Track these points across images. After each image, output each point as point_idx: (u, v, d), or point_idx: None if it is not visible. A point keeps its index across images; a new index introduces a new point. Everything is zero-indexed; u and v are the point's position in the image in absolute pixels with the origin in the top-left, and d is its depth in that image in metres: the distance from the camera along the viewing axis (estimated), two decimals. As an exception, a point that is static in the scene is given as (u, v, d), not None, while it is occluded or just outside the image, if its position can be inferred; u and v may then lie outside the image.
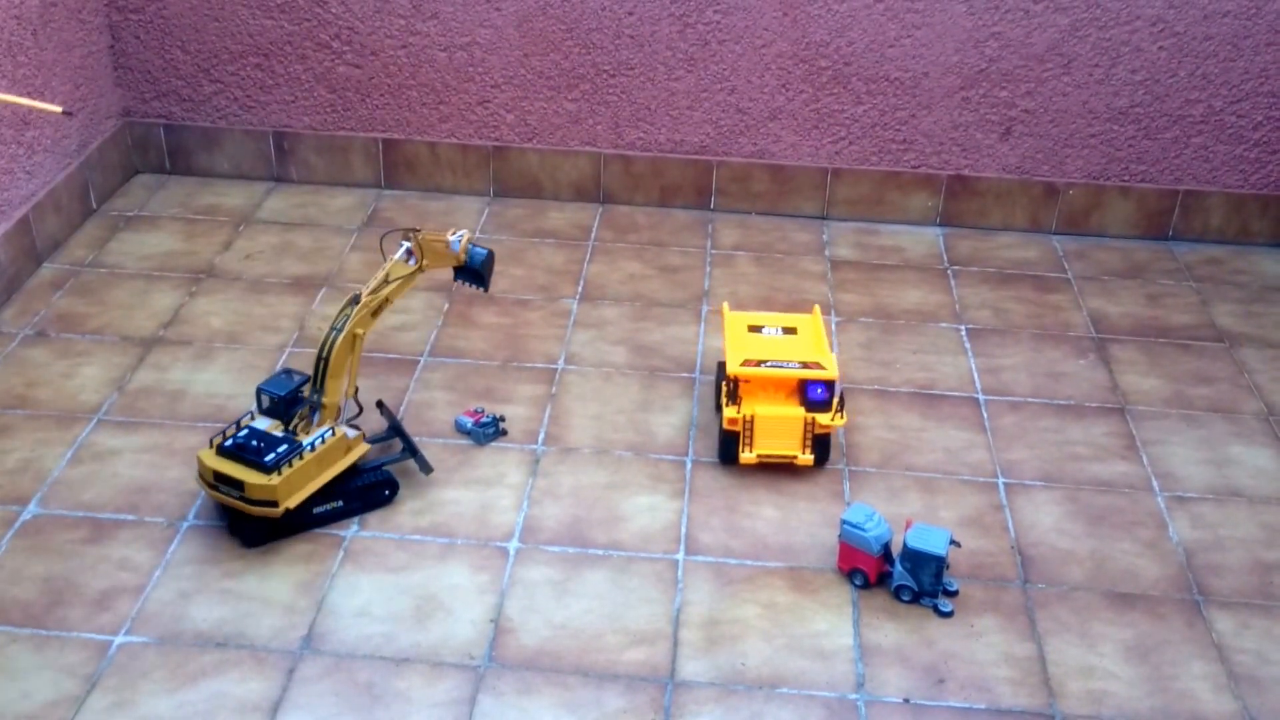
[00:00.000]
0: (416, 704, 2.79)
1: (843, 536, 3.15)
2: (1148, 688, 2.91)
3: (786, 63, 4.72)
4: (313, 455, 3.19)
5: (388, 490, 3.38)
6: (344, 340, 3.25)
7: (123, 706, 2.76)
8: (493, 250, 3.45)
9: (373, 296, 3.29)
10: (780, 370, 3.50)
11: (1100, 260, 4.74)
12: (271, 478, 3.12)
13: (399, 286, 3.34)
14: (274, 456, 3.16)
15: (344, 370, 3.29)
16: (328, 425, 3.27)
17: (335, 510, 3.31)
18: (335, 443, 3.25)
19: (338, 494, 3.30)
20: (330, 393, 3.27)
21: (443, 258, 3.38)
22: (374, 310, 3.31)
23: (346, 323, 3.26)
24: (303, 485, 3.19)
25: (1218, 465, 3.67)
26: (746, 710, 2.81)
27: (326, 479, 3.24)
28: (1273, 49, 4.57)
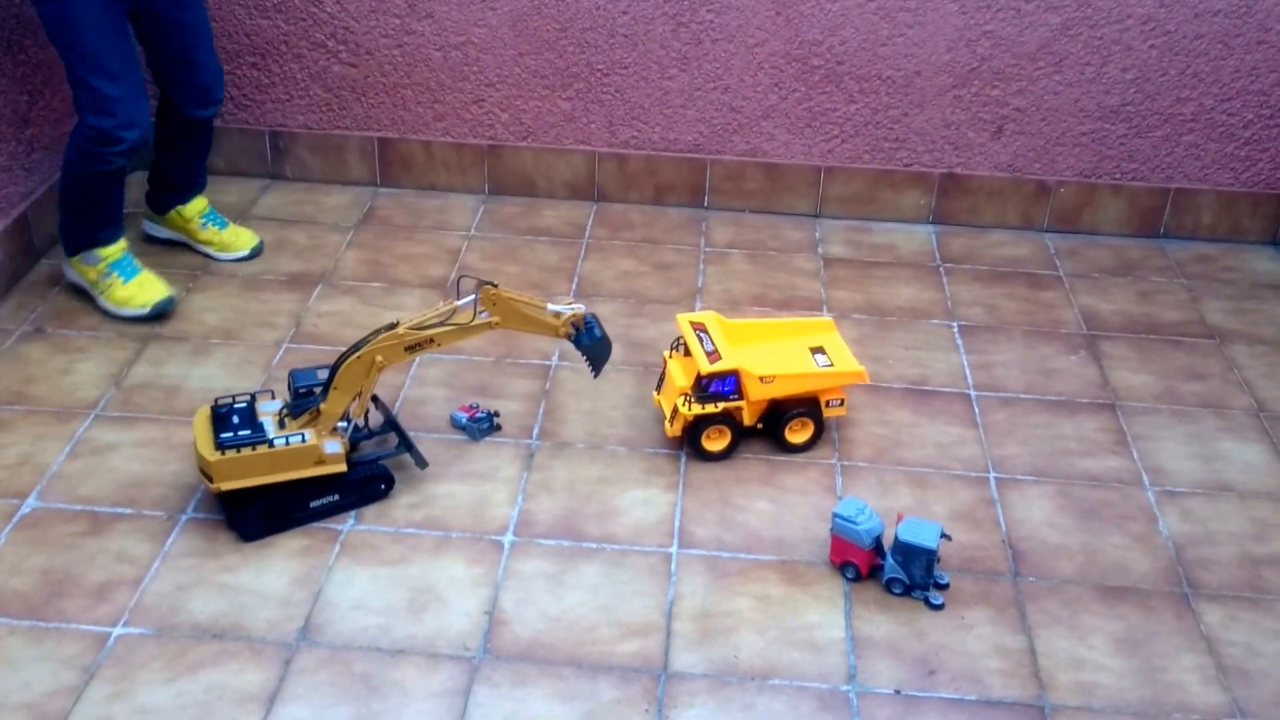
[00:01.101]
0: (412, 694, 2.81)
1: (835, 530, 3.17)
2: (1137, 679, 2.94)
3: (779, 62, 4.74)
4: (269, 451, 3.17)
5: (383, 484, 3.39)
6: (359, 360, 3.20)
7: (121, 696, 2.78)
8: (610, 340, 3.44)
9: (411, 332, 3.23)
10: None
11: (1092, 258, 4.77)
12: (214, 454, 3.13)
13: (451, 333, 3.26)
14: (231, 436, 3.16)
15: (353, 390, 3.24)
16: (311, 431, 3.22)
17: (331, 504, 3.32)
18: (303, 450, 3.20)
19: (334, 487, 3.30)
20: (331, 403, 3.24)
21: (531, 323, 3.33)
22: (409, 346, 3.23)
23: (369, 344, 3.21)
24: (245, 475, 3.17)
25: (1207, 460, 3.69)
26: (739, 701, 2.84)
27: (278, 479, 3.20)
28: (1263, 47, 4.60)
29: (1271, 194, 4.85)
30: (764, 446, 3.66)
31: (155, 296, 4.12)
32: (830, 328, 3.79)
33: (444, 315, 3.28)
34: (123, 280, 4.13)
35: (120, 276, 4.14)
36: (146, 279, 4.17)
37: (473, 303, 3.27)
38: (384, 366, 3.24)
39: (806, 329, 3.78)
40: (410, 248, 4.64)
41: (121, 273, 4.14)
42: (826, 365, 3.61)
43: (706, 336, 3.61)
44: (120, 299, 4.13)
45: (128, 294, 4.13)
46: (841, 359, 3.64)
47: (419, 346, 3.26)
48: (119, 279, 4.13)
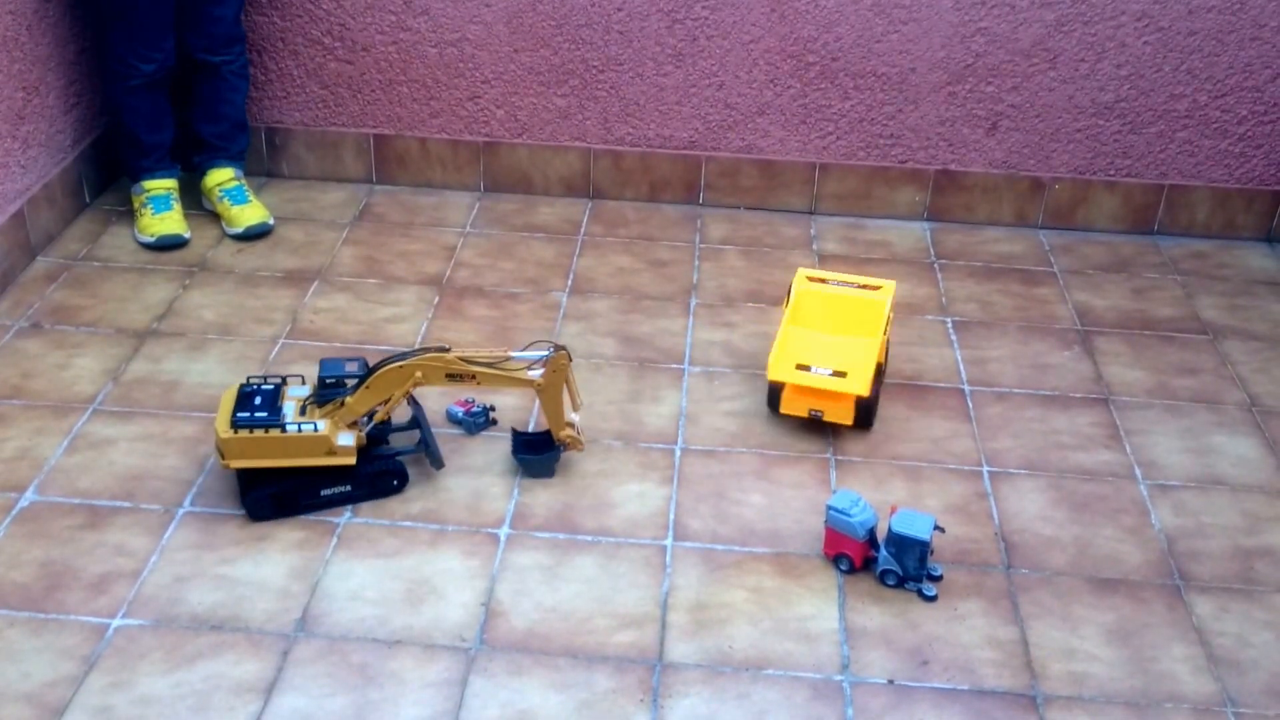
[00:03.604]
0: (409, 684, 2.83)
1: (829, 522, 3.19)
2: (1128, 669, 2.96)
3: (774, 58, 4.76)
4: (281, 436, 3.20)
5: (396, 480, 3.40)
6: (400, 370, 3.23)
7: (120, 687, 2.80)
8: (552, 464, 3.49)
9: (459, 362, 3.25)
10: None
11: (1086, 254, 4.79)
12: (227, 431, 3.17)
13: (497, 379, 3.30)
14: (247, 416, 3.19)
15: (383, 394, 3.26)
16: (327, 421, 3.24)
17: (343, 494, 3.34)
18: (314, 439, 3.22)
19: (347, 478, 3.33)
20: (358, 400, 3.25)
21: (557, 410, 3.37)
22: (452, 374, 3.26)
23: (416, 358, 3.24)
24: (256, 456, 3.21)
25: (1200, 454, 3.71)
26: (733, 691, 2.85)
27: (287, 464, 3.24)
28: (1256, 44, 4.62)
29: (1265, 190, 4.87)
30: (758, 440, 3.67)
31: (165, 230, 4.55)
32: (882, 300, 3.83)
33: (496, 359, 3.31)
34: (152, 212, 4.60)
35: (151, 209, 4.60)
36: (170, 217, 4.60)
37: (539, 360, 3.31)
38: (421, 383, 3.26)
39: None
40: (406, 244, 4.66)
41: (155, 207, 4.60)
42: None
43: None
44: (141, 227, 4.60)
45: (147, 223, 4.58)
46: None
47: (461, 378, 3.28)
48: (150, 210, 4.60)
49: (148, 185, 4.63)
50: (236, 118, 4.78)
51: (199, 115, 4.73)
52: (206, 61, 4.58)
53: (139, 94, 4.51)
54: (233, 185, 4.75)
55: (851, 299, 3.82)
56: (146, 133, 4.60)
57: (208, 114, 4.73)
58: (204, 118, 4.74)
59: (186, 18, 4.48)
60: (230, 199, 4.71)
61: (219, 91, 4.69)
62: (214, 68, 4.61)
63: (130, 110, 4.55)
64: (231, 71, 4.65)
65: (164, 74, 4.51)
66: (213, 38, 4.55)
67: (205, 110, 4.73)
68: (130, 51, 4.41)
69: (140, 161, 4.64)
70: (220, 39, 4.57)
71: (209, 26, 4.53)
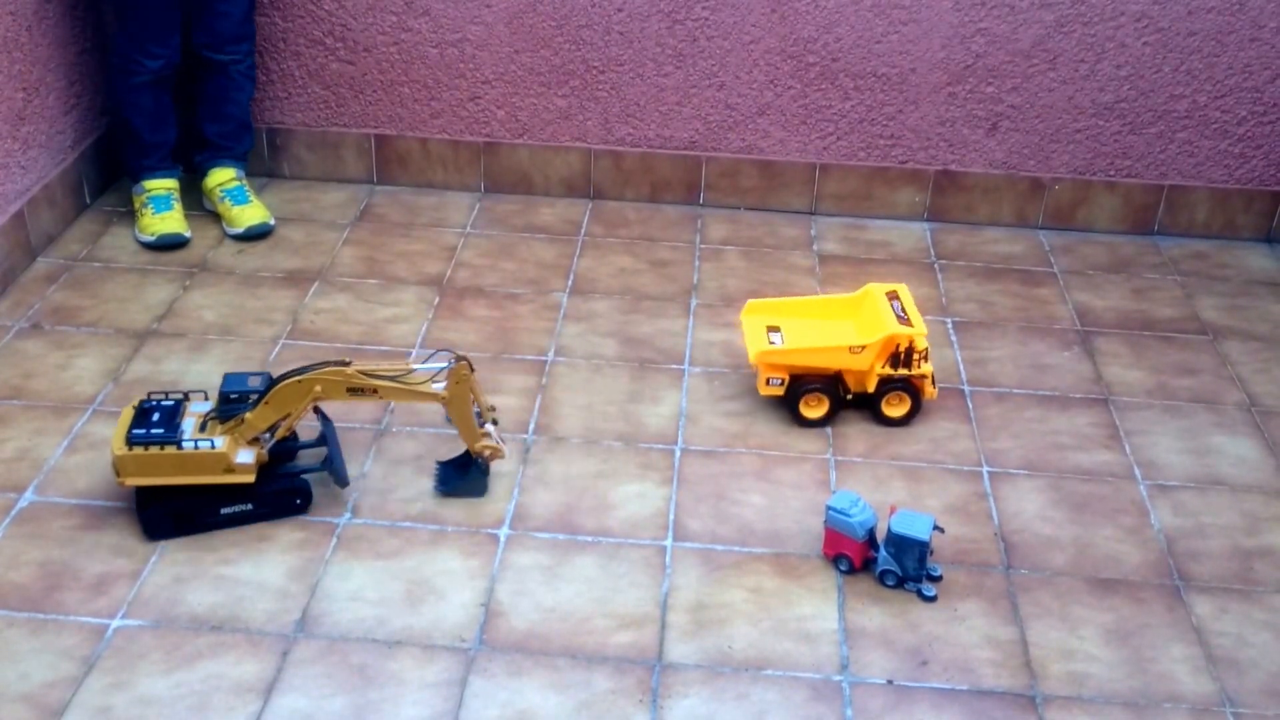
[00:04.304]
0: (409, 685, 2.83)
1: (828, 523, 3.19)
2: (1127, 669, 2.96)
3: (775, 59, 4.76)
4: (177, 453, 3.12)
5: (299, 499, 3.33)
6: (299, 384, 3.16)
7: (120, 687, 2.80)
8: (485, 487, 3.42)
9: (359, 375, 3.19)
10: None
11: (1086, 254, 4.79)
12: (122, 448, 3.12)
13: (398, 391, 3.23)
14: (143, 433, 3.13)
15: (282, 410, 3.19)
16: (226, 438, 3.17)
17: (245, 513, 3.26)
18: (211, 456, 3.14)
19: (247, 497, 3.25)
20: (257, 416, 3.18)
21: (466, 421, 3.27)
22: (352, 388, 3.20)
23: (314, 372, 3.17)
24: (152, 474, 3.14)
25: (1199, 455, 3.71)
26: (733, 691, 2.86)
27: (184, 481, 3.16)
28: (1256, 44, 4.62)
29: (1265, 191, 4.87)
30: (758, 440, 3.68)
31: (165, 229, 4.56)
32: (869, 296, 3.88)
33: (398, 372, 3.23)
34: (152, 212, 4.60)
35: (152, 209, 4.61)
36: (171, 217, 4.61)
37: (442, 371, 3.23)
38: (321, 399, 3.20)
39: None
40: (407, 245, 4.66)
41: (155, 207, 4.61)
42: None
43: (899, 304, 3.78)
44: (141, 226, 4.60)
45: (147, 223, 4.58)
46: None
47: (362, 392, 3.21)
48: (150, 210, 4.61)
49: (148, 185, 4.64)
50: (242, 118, 4.78)
51: (204, 114, 4.73)
52: (213, 60, 4.58)
53: (143, 91, 4.52)
54: (234, 185, 4.75)
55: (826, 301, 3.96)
56: (149, 131, 4.61)
57: (213, 113, 4.73)
58: (209, 117, 4.73)
59: (194, 14, 4.49)
60: (231, 199, 4.71)
61: (225, 91, 4.69)
62: (221, 66, 4.60)
63: (134, 108, 4.56)
64: (239, 71, 4.65)
65: (169, 71, 4.52)
66: (220, 34, 4.55)
67: (211, 109, 4.72)
68: (136, 48, 4.43)
69: (142, 161, 4.64)
70: (228, 36, 4.57)
71: (216, 23, 4.53)
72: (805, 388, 3.70)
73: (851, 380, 3.75)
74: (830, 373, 3.72)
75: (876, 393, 3.72)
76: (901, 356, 3.67)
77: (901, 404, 3.73)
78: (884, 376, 3.70)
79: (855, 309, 3.86)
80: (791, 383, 3.72)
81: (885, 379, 3.70)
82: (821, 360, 3.70)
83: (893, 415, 3.74)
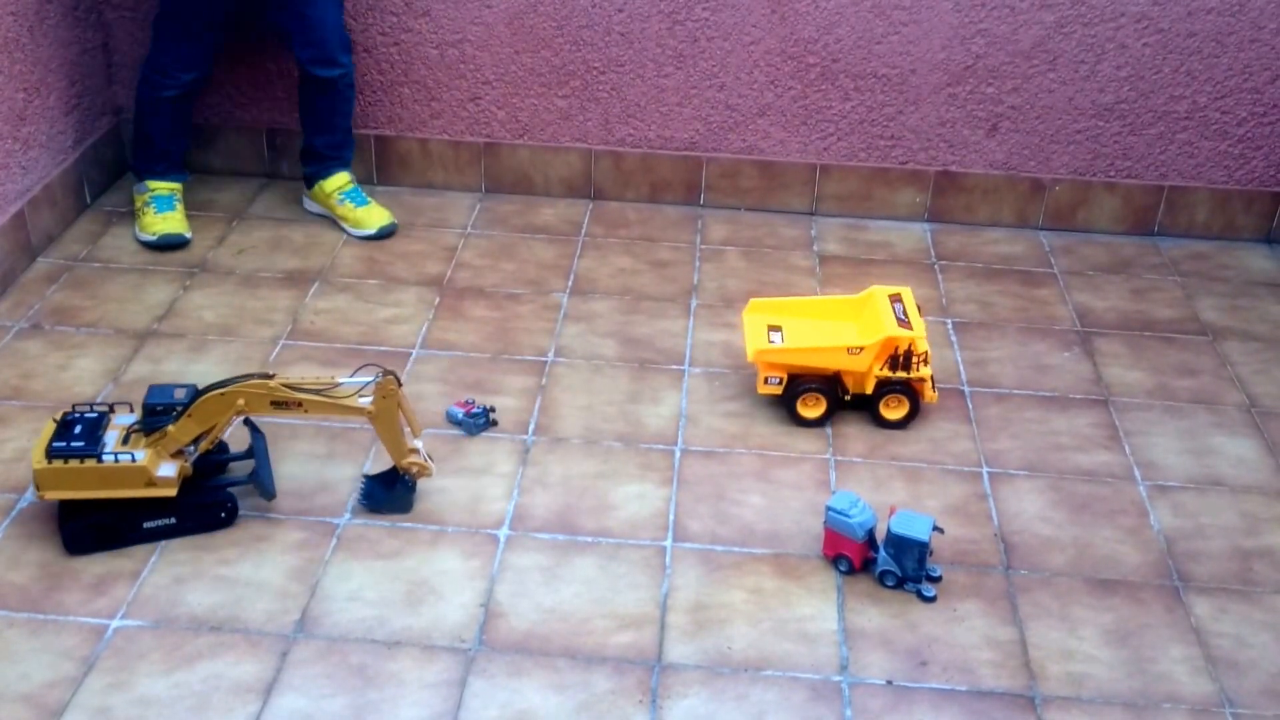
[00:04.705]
0: (408, 685, 2.83)
1: (828, 523, 3.19)
2: (1127, 670, 2.96)
3: (775, 59, 4.76)
4: (97, 466, 3.08)
5: (224, 513, 3.28)
6: (222, 397, 3.12)
7: (119, 688, 2.80)
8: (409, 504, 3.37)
9: (282, 389, 3.15)
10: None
11: (1086, 255, 4.79)
12: (41, 461, 3.08)
13: (324, 405, 3.17)
14: (64, 446, 3.09)
15: (206, 423, 3.15)
16: (147, 451, 3.13)
17: (168, 526, 3.22)
18: (132, 470, 3.10)
19: (170, 510, 3.21)
20: (180, 430, 3.14)
21: (394, 438, 3.21)
22: (276, 401, 3.15)
23: (238, 384, 3.14)
24: (73, 487, 3.10)
25: (1199, 455, 3.71)
26: (732, 692, 2.86)
27: (105, 495, 3.12)
28: (1256, 45, 4.62)
29: (1265, 192, 4.87)
30: (758, 441, 3.68)
31: (167, 229, 4.57)
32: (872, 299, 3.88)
33: (324, 386, 3.20)
34: (154, 211, 4.61)
35: (154, 208, 4.61)
36: (172, 217, 4.62)
37: (369, 384, 3.18)
38: (244, 412, 3.17)
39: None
40: (407, 245, 4.66)
41: (157, 206, 4.62)
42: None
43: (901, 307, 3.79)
44: (142, 225, 4.60)
45: (149, 222, 4.59)
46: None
47: (287, 405, 3.17)
48: (153, 210, 4.61)
49: (152, 185, 4.64)
50: (348, 126, 4.79)
51: (312, 129, 4.74)
52: (323, 77, 4.57)
53: (169, 104, 4.53)
54: (350, 188, 4.78)
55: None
56: (165, 140, 4.62)
57: (321, 127, 4.73)
58: (318, 131, 4.74)
59: (292, 31, 4.49)
60: (352, 201, 4.75)
61: (333, 104, 4.68)
62: (330, 83, 4.59)
63: (155, 117, 4.57)
64: (345, 84, 4.64)
65: (200, 86, 4.56)
66: (322, 45, 4.52)
67: (320, 124, 4.73)
68: (175, 61, 4.42)
69: (152, 165, 4.65)
70: (332, 46, 4.54)
71: (314, 32, 4.49)
72: (803, 387, 3.70)
73: (850, 381, 3.75)
74: (829, 373, 3.72)
75: (875, 394, 3.72)
76: (901, 359, 3.67)
77: (900, 406, 3.73)
78: (882, 378, 3.70)
79: (858, 310, 3.86)
80: (790, 382, 3.73)
81: (883, 381, 3.70)
82: (819, 360, 3.70)
83: (891, 418, 3.74)
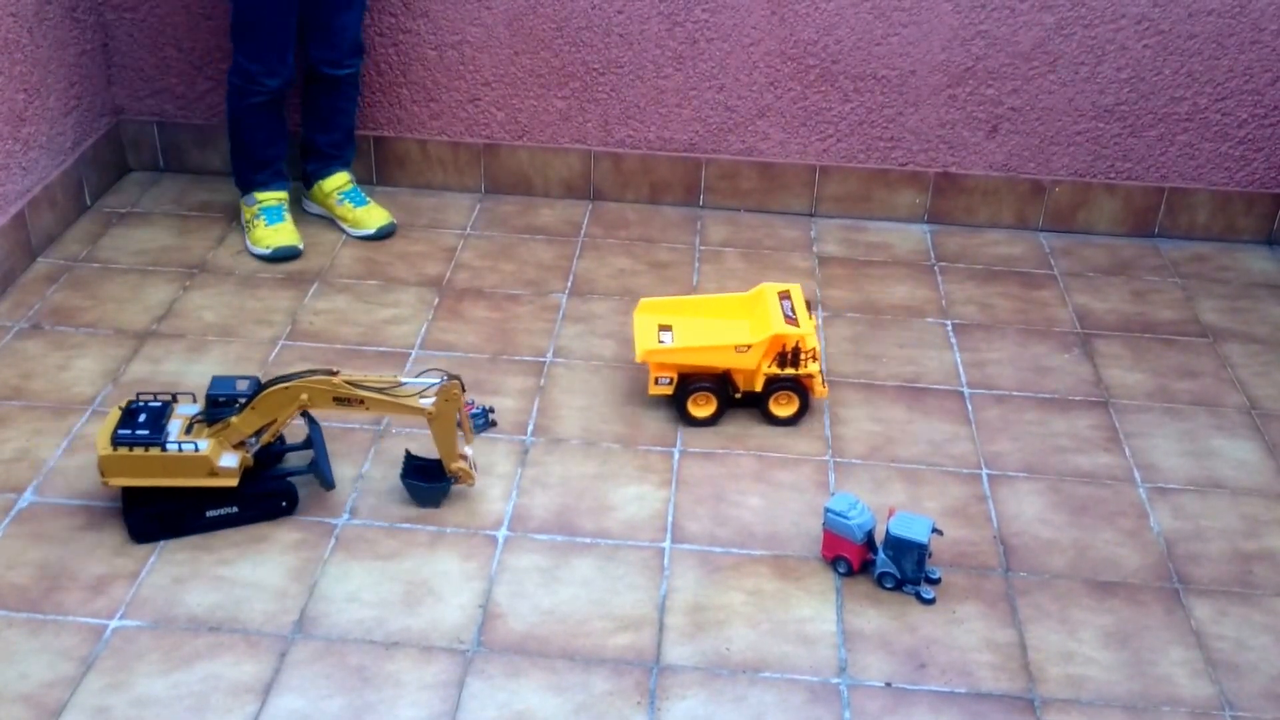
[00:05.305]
0: (406, 686, 2.83)
1: (827, 525, 3.19)
2: (1126, 672, 2.96)
3: (774, 61, 4.76)
4: (161, 455, 3.12)
5: (285, 502, 3.33)
6: (285, 391, 3.17)
7: (118, 688, 2.80)
8: (440, 495, 3.40)
9: (346, 386, 3.19)
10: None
11: (1086, 257, 4.79)
12: (106, 448, 3.12)
13: (385, 404, 3.22)
14: (128, 434, 3.13)
15: (268, 416, 3.20)
16: (210, 441, 3.16)
17: (230, 515, 3.26)
18: (195, 459, 3.14)
19: (232, 499, 3.25)
20: (243, 421, 3.19)
21: (449, 440, 3.28)
22: (339, 398, 3.20)
23: (301, 379, 3.18)
24: (136, 475, 3.15)
25: (1199, 457, 3.71)
26: (730, 694, 2.85)
27: (167, 484, 3.16)
28: (1257, 47, 4.62)
29: (1266, 193, 4.87)
30: (756, 443, 3.67)
31: (280, 241, 4.57)
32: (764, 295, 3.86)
33: (386, 385, 3.24)
34: (265, 223, 4.60)
35: (264, 220, 4.61)
36: (284, 228, 4.62)
37: (432, 387, 3.23)
38: (307, 406, 3.21)
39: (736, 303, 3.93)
40: (406, 246, 4.66)
41: (268, 218, 4.61)
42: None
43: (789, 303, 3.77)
44: (255, 238, 4.60)
45: (261, 235, 4.59)
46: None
47: (349, 402, 3.21)
48: (263, 222, 4.60)
49: (260, 196, 4.62)
50: (349, 126, 4.80)
51: (314, 126, 4.74)
52: (331, 75, 4.59)
53: (259, 111, 4.51)
54: (350, 188, 4.79)
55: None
56: (264, 148, 4.61)
57: (324, 124, 4.74)
58: (320, 128, 4.74)
59: (314, 32, 4.50)
60: (352, 201, 4.76)
61: (337, 103, 4.70)
62: (336, 81, 4.61)
63: (249, 126, 4.56)
64: (350, 83, 4.67)
65: (287, 89, 4.52)
66: (340, 49, 4.55)
67: (322, 121, 4.73)
68: (258, 68, 4.41)
69: (255, 175, 4.64)
70: (348, 49, 4.57)
71: (337, 38, 4.53)
72: (693, 386, 3.70)
73: (740, 380, 3.75)
74: (718, 372, 3.72)
75: (764, 392, 3.72)
76: (789, 356, 3.67)
77: (790, 403, 3.73)
78: (770, 376, 3.70)
79: (749, 309, 3.85)
80: (680, 381, 3.72)
81: (772, 378, 3.70)
82: (707, 359, 3.70)
83: (781, 415, 3.74)
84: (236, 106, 4.52)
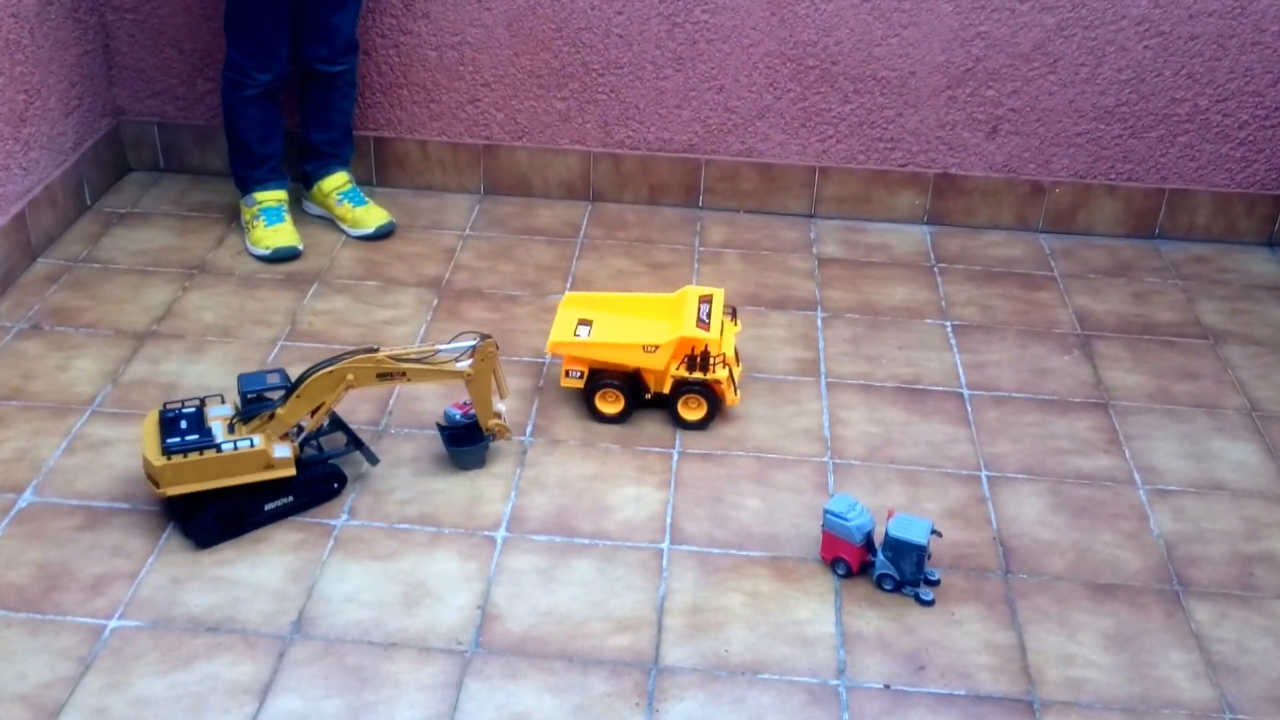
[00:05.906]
0: (404, 687, 2.83)
1: (826, 526, 3.19)
2: (1126, 675, 2.95)
3: (774, 62, 4.76)
4: (217, 456, 3.14)
5: (336, 483, 3.39)
6: (330, 375, 3.22)
7: (116, 688, 2.80)
8: (483, 454, 3.51)
9: (389, 360, 3.26)
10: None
11: (1086, 258, 4.79)
12: (160, 459, 3.12)
13: (426, 373, 3.32)
14: (178, 441, 3.14)
15: (315, 401, 3.24)
16: (260, 435, 3.20)
17: (286, 506, 3.30)
18: (251, 454, 3.17)
19: (287, 489, 3.28)
20: (289, 410, 3.22)
21: (486, 398, 3.40)
22: (383, 373, 3.27)
23: (343, 361, 3.23)
24: (195, 480, 3.15)
25: (1199, 459, 3.71)
26: (729, 695, 2.85)
27: (228, 483, 3.18)
28: (1257, 48, 4.62)
29: (1267, 195, 4.86)
30: (755, 444, 3.67)
31: (280, 242, 4.56)
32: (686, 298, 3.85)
33: (425, 354, 3.32)
34: (265, 224, 4.60)
35: (264, 221, 4.61)
36: (283, 229, 4.61)
37: (466, 350, 3.33)
38: (353, 386, 3.26)
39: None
40: (406, 247, 4.66)
41: (268, 219, 4.61)
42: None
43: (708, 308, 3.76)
44: (254, 239, 4.59)
45: (261, 235, 4.58)
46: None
47: (392, 377, 3.29)
48: (263, 222, 4.60)
49: (260, 197, 4.63)
50: (347, 124, 4.80)
51: (311, 124, 4.74)
52: (324, 72, 4.59)
53: (253, 104, 4.52)
54: (349, 188, 4.80)
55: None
56: (259, 143, 4.61)
57: (320, 122, 4.74)
58: (316, 126, 4.74)
59: (308, 29, 4.50)
60: (351, 201, 4.76)
61: (332, 100, 4.70)
62: (330, 78, 4.61)
63: (244, 121, 4.56)
64: (345, 80, 4.67)
65: (279, 84, 4.52)
66: (334, 47, 4.55)
67: (318, 119, 4.73)
68: (249, 61, 4.42)
69: (252, 173, 4.64)
70: (341, 48, 4.58)
71: (330, 36, 4.53)
72: (602, 383, 3.71)
73: (651, 380, 3.74)
74: (628, 370, 3.72)
75: (672, 394, 3.72)
76: (698, 360, 3.67)
77: (699, 408, 3.72)
78: (679, 379, 3.69)
79: (671, 309, 3.84)
80: (590, 376, 3.73)
81: (680, 381, 3.70)
82: (615, 356, 3.70)
83: (689, 418, 3.74)
84: (230, 100, 4.53)
